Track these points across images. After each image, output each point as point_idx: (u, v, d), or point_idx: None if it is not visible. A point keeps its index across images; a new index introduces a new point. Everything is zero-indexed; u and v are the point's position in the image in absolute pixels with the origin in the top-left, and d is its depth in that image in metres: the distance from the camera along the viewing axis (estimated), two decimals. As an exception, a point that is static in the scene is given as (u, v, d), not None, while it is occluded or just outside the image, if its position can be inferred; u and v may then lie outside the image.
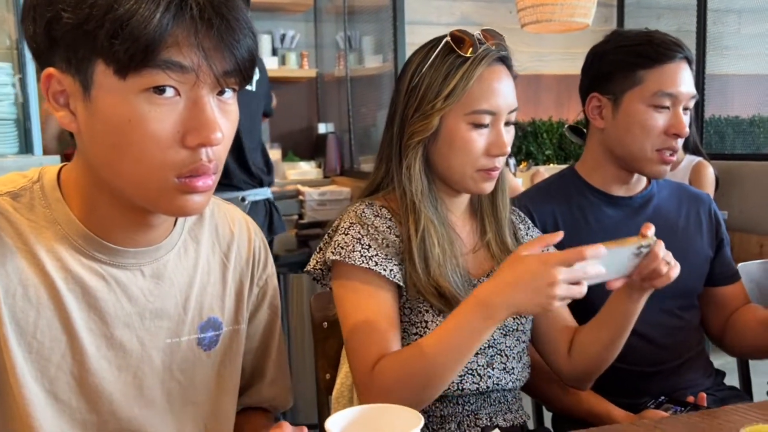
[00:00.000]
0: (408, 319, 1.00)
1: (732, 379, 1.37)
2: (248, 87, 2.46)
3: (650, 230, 0.91)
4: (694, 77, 3.81)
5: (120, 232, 0.73)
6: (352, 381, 1.01)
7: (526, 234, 1.14)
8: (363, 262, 0.96)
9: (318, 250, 1.05)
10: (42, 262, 0.70)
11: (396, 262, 0.98)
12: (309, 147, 3.73)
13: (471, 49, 0.96)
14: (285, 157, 3.66)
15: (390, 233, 1.00)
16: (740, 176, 3.26)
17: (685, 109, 1.20)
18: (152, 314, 0.76)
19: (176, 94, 0.63)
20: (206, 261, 0.83)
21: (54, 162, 1.72)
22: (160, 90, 0.62)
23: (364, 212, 1.01)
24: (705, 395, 1.12)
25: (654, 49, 1.19)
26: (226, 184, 2.14)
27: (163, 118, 0.63)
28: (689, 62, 1.21)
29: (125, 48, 0.60)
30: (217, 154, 0.67)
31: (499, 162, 1.00)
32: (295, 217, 3.25)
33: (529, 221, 1.18)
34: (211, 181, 0.68)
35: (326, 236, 1.04)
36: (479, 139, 0.98)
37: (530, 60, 3.87)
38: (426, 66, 0.98)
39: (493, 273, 1.03)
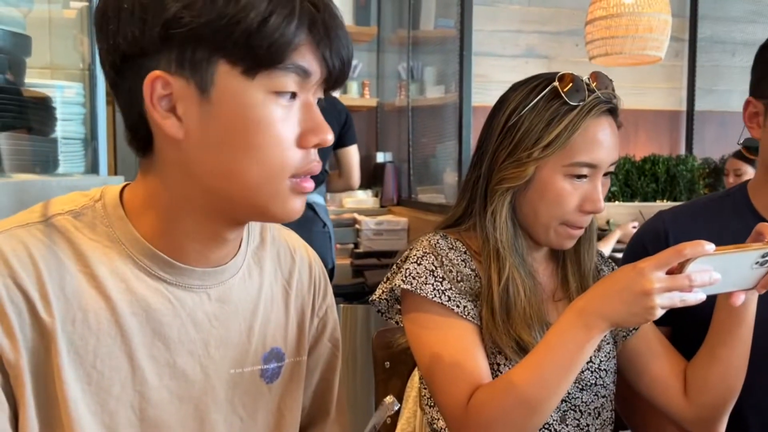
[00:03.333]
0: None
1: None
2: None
3: None
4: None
5: (193, 249, 0.69)
6: (444, 421, 0.93)
7: None
8: (436, 296, 0.89)
9: (385, 280, 0.98)
10: (104, 284, 0.65)
11: (470, 299, 0.91)
12: (367, 175, 3.70)
13: (579, 97, 0.89)
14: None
15: (465, 267, 0.93)
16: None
17: None
18: (217, 342, 0.71)
19: (293, 96, 0.64)
20: (269, 287, 0.78)
21: (117, 182, 1.72)
22: (284, 93, 0.63)
23: (438, 242, 0.95)
24: None
25: None
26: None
27: (286, 119, 0.64)
28: None
29: (261, 47, 0.60)
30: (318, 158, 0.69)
31: (587, 220, 0.93)
32: (351, 246, 3.20)
33: (614, 264, 1.08)
34: (313, 183, 0.69)
35: (394, 266, 0.98)
36: (574, 192, 0.91)
37: (596, 94, 3.75)
38: (527, 108, 0.91)
39: None
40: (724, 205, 1.11)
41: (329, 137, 0.66)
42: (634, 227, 2.72)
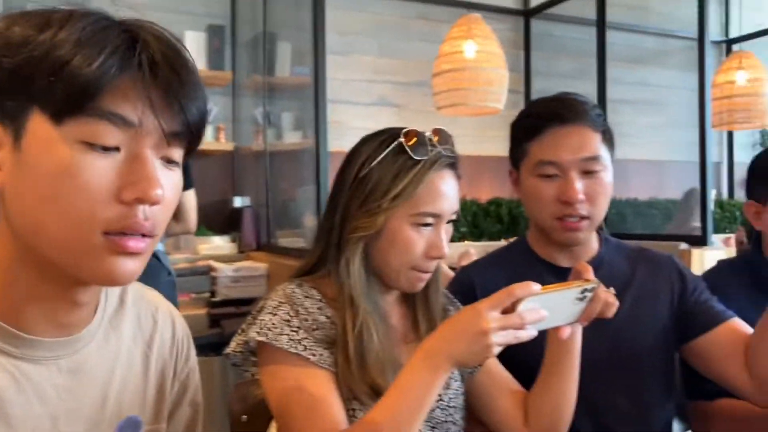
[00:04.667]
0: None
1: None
2: None
3: (590, 272, 0.92)
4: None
5: (39, 316, 0.64)
6: None
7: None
8: (291, 346, 0.91)
9: (240, 332, 0.98)
10: None
11: (326, 347, 0.93)
12: (223, 221, 3.62)
13: (422, 152, 0.96)
14: (197, 231, 3.52)
15: (320, 314, 0.96)
16: (643, 255, 3.42)
17: (588, 172, 1.15)
18: (66, 416, 0.66)
19: (116, 148, 0.59)
20: (127, 353, 0.74)
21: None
22: (95, 144, 0.59)
23: (294, 292, 0.97)
24: None
25: (532, 121, 1.20)
26: None
27: (99, 170, 0.59)
28: (580, 125, 1.16)
29: (63, 89, 0.56)
30: (155, 215, 0.62)
31: (434, 265, 1.00)
32: (207, 294, 3.09)
33: (459, 303, 1.16)
34: (144, 244, 0.62)
35: (250, 317, 0.98)
36: (420, 240, 0.97)
37: (445, 140, 3.98)
38: (376, 161, 0.97)
39: None
40: (512, 255, 1.29)
41: (154, 193, 0.60)
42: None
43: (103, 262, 0.61)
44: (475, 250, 2.70)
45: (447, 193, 0.98)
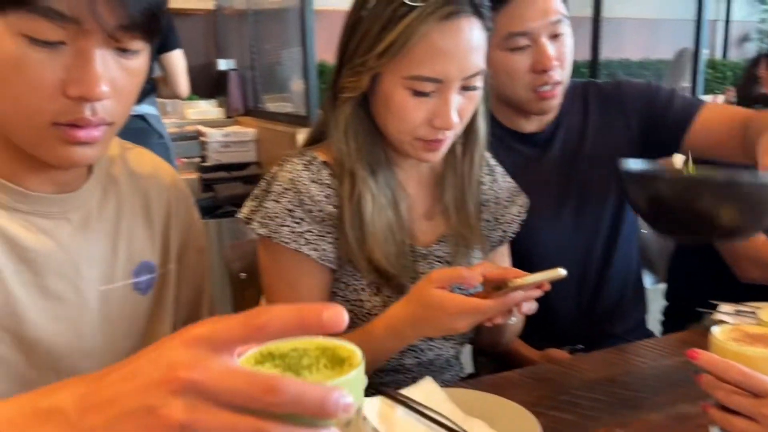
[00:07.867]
0: (343, 294, 0.91)
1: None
2: None
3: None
4: (592, 20, 3.84)
5: (38, 177, 0.70)
6: None
7: (490, 188, 1.02)
8: (292, 240, 0.86)
9: (253, 197, 0.92)
10: None
11: (330, 240, 0.88)
12: (208, 85, 3.55)
13: None
14: (183, 95, 3.48)
15: (328, 203, 0.88)
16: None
17: (555, 36, 1.09)
18: (84, 262, 0.74)
19: (61, 42, 0.60)
20: (129, 204, 0.80)
21: None
22: (37, 39, 0.59)
23: (300, 176, 0.87)
24: None
25: None
26: None
27: (43, 64, 0.60)
28: None
29: None
30: (107, 109, 0.64)
31: (445, 134, 0.84)
32: (197, 159, 3.12)
33: (499, 170, 1.06)
34: (99, 132, 0.65)
35: (263, 183, 0.91)
36: (419, 107, 0.81)
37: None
38: (368, 8, 0.81)
39: (444, 240, 0.96)
40: None
41: (98, 91, 0.61)
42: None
43: (56, 150, 0.64)
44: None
45: (452, 51, 0.79)
